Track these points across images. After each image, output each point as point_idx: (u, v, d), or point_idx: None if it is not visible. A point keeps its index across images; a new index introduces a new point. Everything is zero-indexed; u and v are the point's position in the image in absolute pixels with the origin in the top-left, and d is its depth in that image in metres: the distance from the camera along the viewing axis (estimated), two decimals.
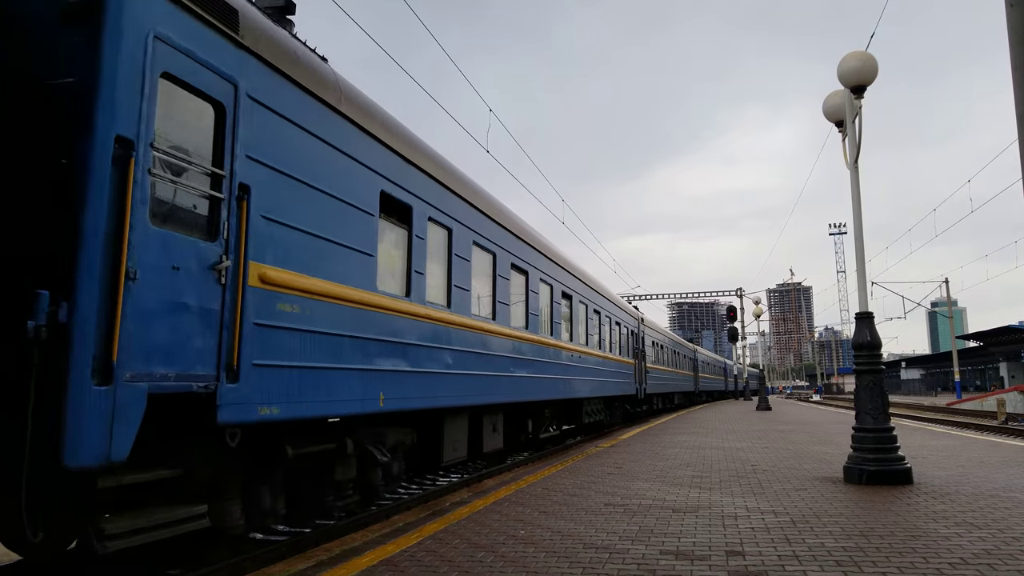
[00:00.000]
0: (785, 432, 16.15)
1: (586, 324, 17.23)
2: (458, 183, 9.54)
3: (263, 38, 5.54)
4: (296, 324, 5.72)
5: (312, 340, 5.92)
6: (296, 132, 5.90)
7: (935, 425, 21.96)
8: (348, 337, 6.46)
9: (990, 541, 4.90)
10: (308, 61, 6.23)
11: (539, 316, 13.12)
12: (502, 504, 6.76)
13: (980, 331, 72.34)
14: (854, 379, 8.31)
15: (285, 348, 5.59)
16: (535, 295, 12.91)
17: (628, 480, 8.23)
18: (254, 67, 5.39)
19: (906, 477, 7.74)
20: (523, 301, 12.33)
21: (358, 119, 6.89)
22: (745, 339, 50.59)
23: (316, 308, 5.98)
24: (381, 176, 7.32)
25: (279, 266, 5.55)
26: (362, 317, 6.72)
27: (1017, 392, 45.66)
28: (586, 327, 17.24)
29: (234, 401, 4.99)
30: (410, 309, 7.83)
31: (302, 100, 6.01)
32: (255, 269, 5.26)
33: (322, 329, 6.06)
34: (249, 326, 5.16)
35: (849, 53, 8.34)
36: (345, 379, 6.40)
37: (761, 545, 4.86)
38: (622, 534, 5.28)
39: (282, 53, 5.79)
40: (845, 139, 8.78)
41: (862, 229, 8.67)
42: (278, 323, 5.52)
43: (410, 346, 7.72)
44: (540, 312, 13.26)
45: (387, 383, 7.16)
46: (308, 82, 6.09)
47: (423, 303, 8.19)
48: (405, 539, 5.27)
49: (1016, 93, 2.56)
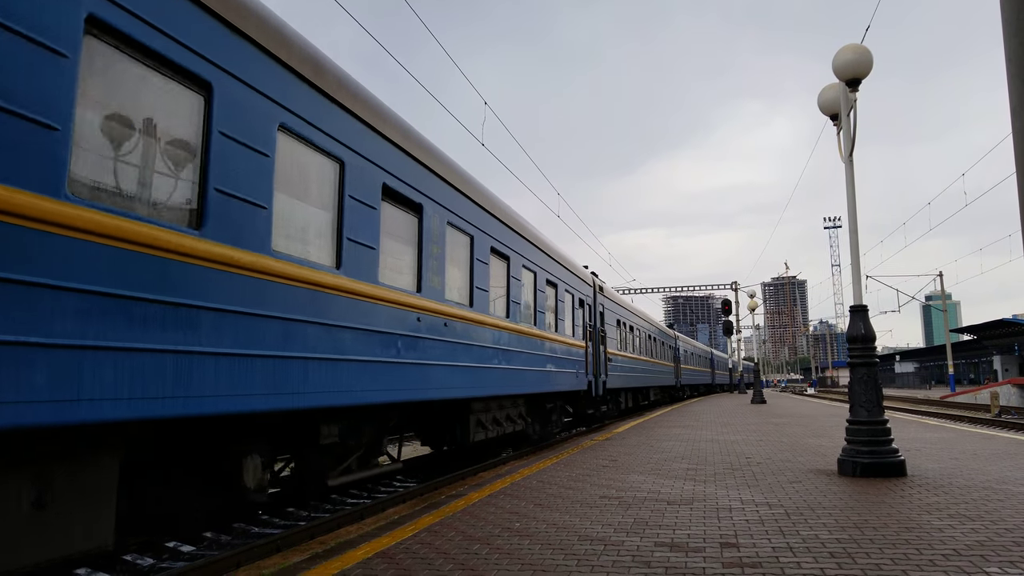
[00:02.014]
0: (779, 425, 16.20)
1: (487, 278, 10.85)
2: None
3: None
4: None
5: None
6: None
7: (929, 418, 22.05)
8: None
9: (983, 533, 4.93)
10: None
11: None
12: (498, 497, 6.77)
13: (974, 324, 72.57)
14: (848, 372, 8.33)
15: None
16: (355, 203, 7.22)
17: (623, 473, 8.25)
18: None
19: (900, 469, 7.78)
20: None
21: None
22: (740, 332, 50.63)
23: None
24: None
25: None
26: None
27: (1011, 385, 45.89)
28: (484, 282, 10.71)
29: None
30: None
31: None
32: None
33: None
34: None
35: (844, 46, 8.34)
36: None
37: (755, 537, 4.88)
38: (617, 526, 5.29)
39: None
40: (840, 132, 8.79)
41: (857, 223, 8.68)
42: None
43: None
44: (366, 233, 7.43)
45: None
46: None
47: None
48: (400, 531, 5.28)
49: (1010, 86, 2.57)
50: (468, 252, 10.21)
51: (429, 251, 8.70)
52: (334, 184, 6.76)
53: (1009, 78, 2.56)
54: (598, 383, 18.37)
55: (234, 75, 5.30)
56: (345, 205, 6.80)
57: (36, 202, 3.71)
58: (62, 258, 3.83)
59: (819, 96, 9.17)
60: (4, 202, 3.55)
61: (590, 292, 18.63)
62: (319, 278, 6.23)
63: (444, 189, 9.33)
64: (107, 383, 4.01)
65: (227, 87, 5.22)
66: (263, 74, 5.66)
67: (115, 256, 4.14)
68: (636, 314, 26.73)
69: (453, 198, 9.64)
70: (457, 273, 9.81)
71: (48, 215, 3.77)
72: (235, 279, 5.12)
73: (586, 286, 18.22)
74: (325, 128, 6.56)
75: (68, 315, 3.85)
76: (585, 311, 17.81)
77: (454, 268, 9.70)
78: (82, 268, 3.94)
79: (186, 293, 4.65)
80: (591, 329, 18.16)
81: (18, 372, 3.56)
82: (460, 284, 9.89)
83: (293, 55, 6.06)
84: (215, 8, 5.08)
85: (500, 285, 11.55)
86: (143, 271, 4.33)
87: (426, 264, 8.56)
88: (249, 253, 5.31)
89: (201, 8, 4.96)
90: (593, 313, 18.70)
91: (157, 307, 4.43)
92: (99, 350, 4.00)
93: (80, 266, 3.93)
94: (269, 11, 5.89)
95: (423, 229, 8.62)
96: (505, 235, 11.80)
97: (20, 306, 3.58)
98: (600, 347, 18.99)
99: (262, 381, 5.40)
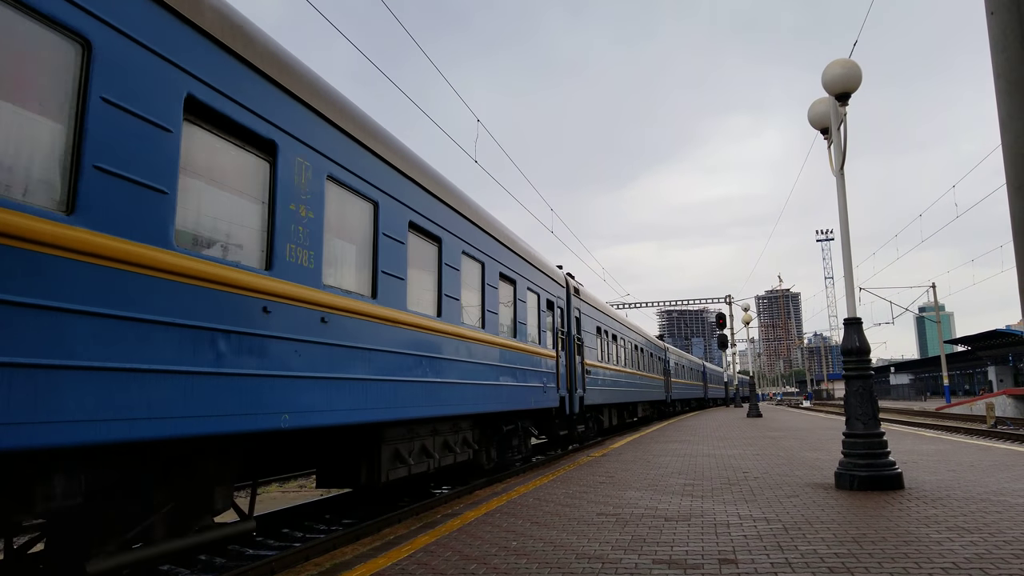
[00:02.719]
0: (776, 439, 16.17)
1: (401, 263, 8.17)
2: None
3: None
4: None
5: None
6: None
7: (925, 430, 22.06)
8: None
9: (982, 545, 4.91)
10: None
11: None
12: (494, 515, 6.72)
13: (968, 335, 72.69)
14: (844, 385, 8.33)
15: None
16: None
17: (620, 489, 8.21)
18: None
19: (897, 482, 7.76)
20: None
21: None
22: (735, 346, 50.66)
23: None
24: None
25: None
26: None
27: (1006, 396, 45.96)
28: (398, 267, 8.14)
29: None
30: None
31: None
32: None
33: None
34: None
35: (833, 61, 8.41)
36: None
37: (754, 552, 4.85)
38: (615, 544, 5.26)
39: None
40: (831, 146, 8.84)
41: (849, 235, 8.72)
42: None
43: None
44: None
45: None
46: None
47: None
48: (396, 552, 5.23)
49: (999, 100, 2.59)
50: (372, 224, 7.58)
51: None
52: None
53: (997, 93, 2.58)
54: (573, 399, 15.90)
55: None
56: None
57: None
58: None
59: (809, 111, 9.24)
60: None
61: (562, 293, 16.06)
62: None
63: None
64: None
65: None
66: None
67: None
68: (620, 322, 24.44)
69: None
70: (351, 251, 7.22)
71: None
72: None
73: (557, 286, 15.59)
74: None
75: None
76: (556, 315, 15.39)
77: (341, 241, 7.05)
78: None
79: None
80: (564, 336, 15.81)
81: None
82: (357, 268, 7.27)
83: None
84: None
85: (429, 273, 8.98)
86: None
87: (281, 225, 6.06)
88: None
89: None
90: (567, 318, 16.29)
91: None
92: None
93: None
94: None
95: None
96: (433, 208, 9.08)
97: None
98: (576, 357, 16.67)
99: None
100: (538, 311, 13.90)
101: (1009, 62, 2.54)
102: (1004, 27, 2.60)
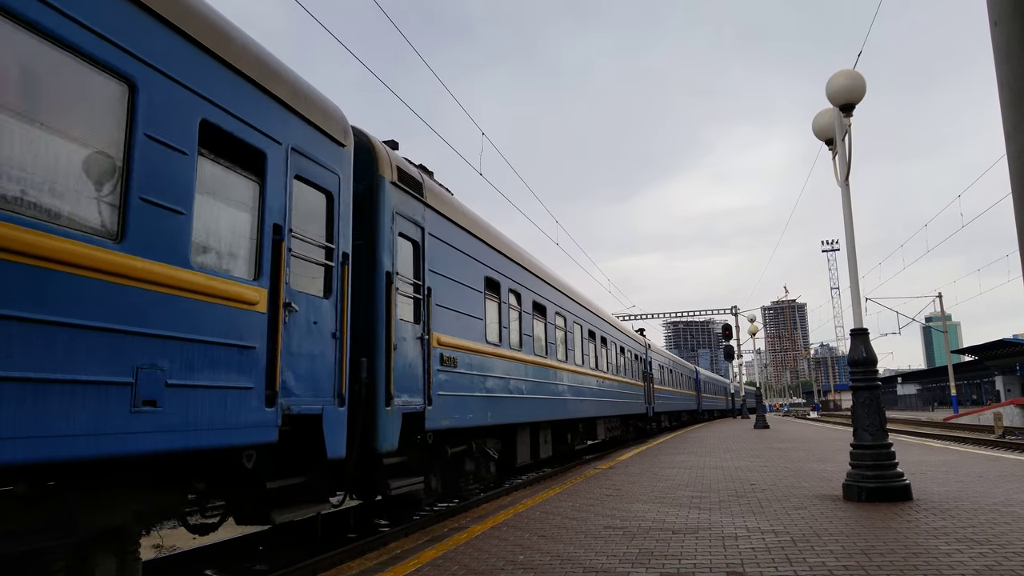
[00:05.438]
0: (783, 450, 16.09)
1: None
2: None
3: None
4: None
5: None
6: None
7: (933, 440, 21.93)
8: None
9: (991, 557, 4.87)
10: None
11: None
12: (501, 528, 6.70)
13: (975, 345, 72.41)
14: (851, 395, 8.30)
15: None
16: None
17: (627, 502, 8.17)
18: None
19: (905, 493, 7.71)
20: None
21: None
22: (741, 357, 50.46)
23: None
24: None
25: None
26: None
27: (1014, 406, 45.67)
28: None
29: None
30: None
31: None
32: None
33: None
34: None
35: (838, 72, 8.42)
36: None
37: (762, 565, 4.82)
38: (622, 557, 5.23)
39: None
40: (835, 157, 8.84)
41: (855, 246, 8.71)
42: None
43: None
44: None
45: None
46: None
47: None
48: (403, 567, 5.21)
49: (1003, 111, 2.59)
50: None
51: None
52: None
53: (1002, 103, 2.58)
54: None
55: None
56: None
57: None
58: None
59: (814, 122, 9.24)
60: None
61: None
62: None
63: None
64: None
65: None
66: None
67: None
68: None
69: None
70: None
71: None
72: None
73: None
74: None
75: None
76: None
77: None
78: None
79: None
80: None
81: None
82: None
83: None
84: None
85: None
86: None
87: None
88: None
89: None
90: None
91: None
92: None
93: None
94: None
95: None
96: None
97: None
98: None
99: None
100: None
101: (1014, 72, 2.54)
102: (1008, 37, 2.61)
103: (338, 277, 6.64)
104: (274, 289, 5.62)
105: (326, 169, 6.58)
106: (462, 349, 9.68)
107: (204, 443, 4.74)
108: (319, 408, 6.13)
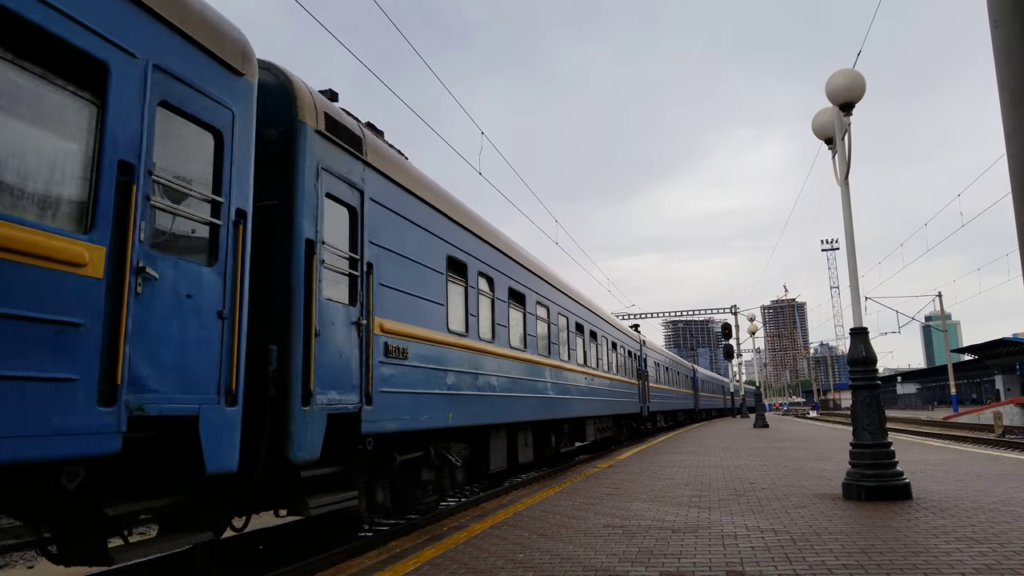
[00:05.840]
0: (783, 449, 16.10)
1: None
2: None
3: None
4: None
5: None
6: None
7: (932, 439, 21.93)
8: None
9: (991, 556, 4.88)
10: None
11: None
12: (500, 527, 6.70)
13: (975, 344, 72.38)
14: (850, 395, 8.31)
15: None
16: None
17: (626, 501, 8.18)
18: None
19: (905, 492, 7.72)
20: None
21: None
22: (741, 356, 50.44)
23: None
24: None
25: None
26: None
27: (1013, 405, 45.69)
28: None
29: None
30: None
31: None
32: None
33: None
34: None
35: (837, 71, 8.42)
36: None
37: (762, 564, 4.83)
38: (622, 556, 5.24)
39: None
40: (835, 156, 8.84)
41: (854, 245, 8.72)
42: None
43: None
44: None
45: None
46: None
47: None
48: (403, 565, 5.22)
49: (1003, 112, 2.59)
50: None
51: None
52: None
53: (1002, 104, 2.59)
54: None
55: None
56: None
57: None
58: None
59: (813, 121, 9.24)
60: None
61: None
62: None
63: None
64: None
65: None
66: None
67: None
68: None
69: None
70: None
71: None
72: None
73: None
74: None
75: None
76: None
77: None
78: None
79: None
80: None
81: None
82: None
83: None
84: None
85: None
86: None
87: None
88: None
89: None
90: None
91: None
92: None
93: None
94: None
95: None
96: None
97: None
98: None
99: None
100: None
101: (1014, 73, 2.54)
102: (1008, 37, 2.61)
103: (229, 240, 5.11)
104: (118, 248, 4.14)
105: (213, 100, 5.06)
106: (415, 338, 8.05)
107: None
108: (194, 408, 4.67)
